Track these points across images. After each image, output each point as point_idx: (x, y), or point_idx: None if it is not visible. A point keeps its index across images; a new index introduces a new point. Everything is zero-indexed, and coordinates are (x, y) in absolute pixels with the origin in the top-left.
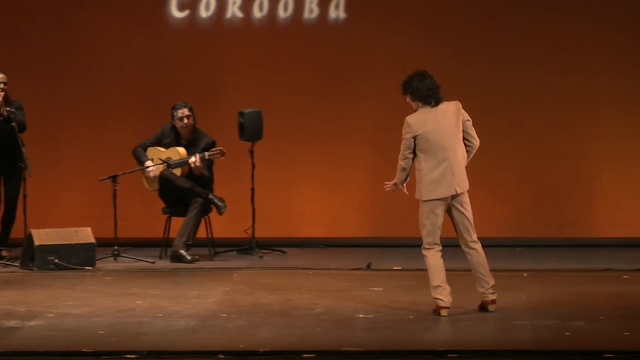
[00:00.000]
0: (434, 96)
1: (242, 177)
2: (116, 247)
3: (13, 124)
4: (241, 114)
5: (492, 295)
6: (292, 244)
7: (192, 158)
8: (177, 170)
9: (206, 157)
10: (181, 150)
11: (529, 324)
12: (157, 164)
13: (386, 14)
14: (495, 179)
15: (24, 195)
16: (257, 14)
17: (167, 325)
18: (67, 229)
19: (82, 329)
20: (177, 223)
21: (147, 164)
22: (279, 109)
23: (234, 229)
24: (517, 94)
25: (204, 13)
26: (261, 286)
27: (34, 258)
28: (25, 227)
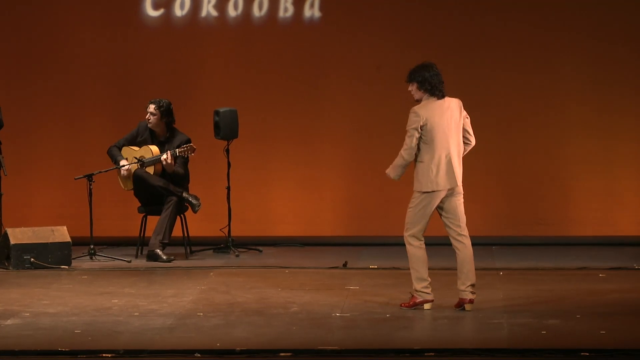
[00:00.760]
0: (442, 89)
1: (218, 176)
2: (92, 246)
3: None
4: (216, 113)
5: (472, 295)
6: (268, 242)
7: (163, 155)
8: (151, 169)
9: (177, 153)
10: (154, 149)
11: (505, 322)
12: (131, 162)
13: (361, 12)
14: (471, 178)
15: (0, 194)
16: (232, 12)
17: (144, 324)
18: (43, 227)
19: (59, 328)
20: (153, 222)
21: (122, 163)
22: (254, 108)
23: (210, 228)
24: (491, 93)
25: (178, 12)
26: (237, 285)
27: (10, 257)
28: (0, 226)
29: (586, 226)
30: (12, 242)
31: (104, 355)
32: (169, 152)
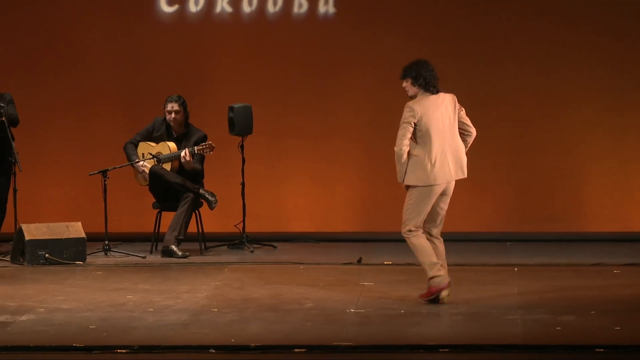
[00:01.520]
0: (436, 84)
1: (232, 172)
2: (107, 242)
3: (3, 119)
4: (231, 109)
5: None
6: (283, 238)
7: (182, 152)
8: (167, 165)
9: (195, 151)
10: (171, 145)
11: (519, 318)
12: (147, 158)
13: (375, 9)
14: (484, 174)
15: (14, 190)
16: (246, 8)
17: (158, 319)
18: (57, 223)
19: (73, 324)
20: (168, 218)
21: (140, 164)
22: (268, 104)
23: (225, 224)
24: (505, 91)
25: (193, 8)
26: (252, 281)
27: (25, 253)
28: (15, 222)
29: (600, 222)
30: (26, 237)
31: (119, 351)
32: (187, 150)
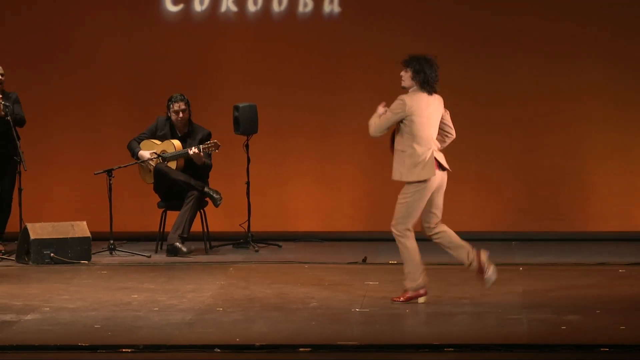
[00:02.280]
0: (435, 86)
1: (237, 171)
2: (112, 241)
3: (8, 118)
4: (236, 108)
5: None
6: (288, 237)
7: (191, 149)
8: (172, 164)
9: (201, 150)
10: (176, 143)
11: (524, 317)
12: (152, 157)
13: (381, 8)
14: (489, 174)
15: (19, 189)
16: (251, 8)
17: (163, 319)
18: (62, 222)
19: (78, 323)
20: (173, 217)
21: (141, 154)
22: (273, 103)
23: (230, 223)
24: (511, 90)
25: (198, 7)
26: (257, 280)
27: (30, 252)
28: (20, 221)
29: (606, 222)
30: (31, 237)
31: (124, 350)
32: (194, 148)
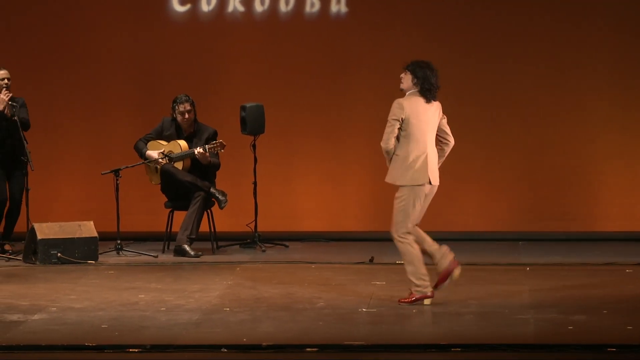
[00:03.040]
0: (435, 95)
1: (244, 171)
2: (119, 241)
3: (15, 118)
4: (243, 108)
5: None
6: (295, 237)
7: (197, 149)
8: (179, 164)
9: (207, 150)
10: (182, 143)
11: (531, 318)
12: (159, 158)
13: (388, 8)
14: (496, 174)
15: (27, 190)
16: (258, 8)
17: (170, 319)
18: (69, 222)
19: (85, 323)
20: (180, 217)
21: (149, 154)
22: (280, 103)
23: (237, 223)
24: (517, 88)
25: (205, 7)
26: (263, 280)
27: (37, 252)
28: (27, 221)
29: (612, 221)
30: (39, 237)
31: (131, 350)
32: (199, 148)
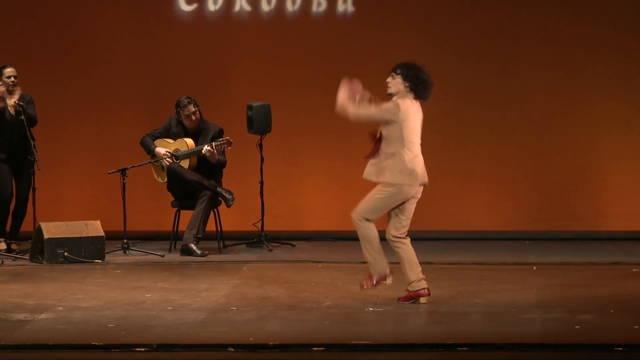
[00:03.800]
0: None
1: (251, 171)
2: (125, 241)
3: (22, 117)
4: (249, 107)
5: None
6: (301, 237)
7: (205, 147)
8: (185, 162)
9: (213, 147)
10: (189, 141)
11: (538, 317)
12: (166, 156)
13: (394, 7)
14: (503, 174)
15: (33, 189)
16: (264, 7)
17: (177, 318)
18: (76, 222)
19: (92, 322)
20: (186, 216)
21: (158, 151)
22: (287, 103)
23: (243, 222)
24: (524, 89)
25: (211, 6)
26: (270, 279)
27: (44, 251)
28: (34, 221)
29: (619, 221)
30: (45, 236)
31: (137, 349)
32: (206, 145)
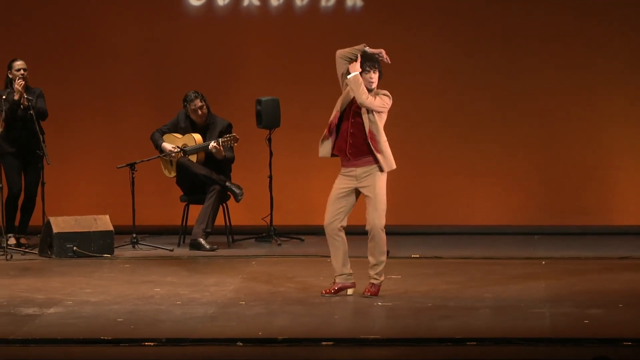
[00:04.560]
0: None
1: (260, 165)
2: (134, 235)
3: (31, 112)
4: (258, 102)
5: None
6: (310, 231)
7: (211, 143)
8: (193, 157)
9: (220, 143)
10: (197, 137)
11: (547, 311)
12: (174, 152)
13: (403, 2)
14: (512, 168)
15: (42, 183)
16: (273, 2)
17: (186, 312)
18: (85, 216)
19: (101, 317)
20: (195, 210)
21: (164, 146)
22: (296, 97)
23: (252, 217)
24: (533, 84)
25: (220, 1)
26: (279, 274)
27: (53, 246)
28: (43, 215)
29: (628, 215)
30: (54, 230)
31: (146, 344)
32: (213, 142)
